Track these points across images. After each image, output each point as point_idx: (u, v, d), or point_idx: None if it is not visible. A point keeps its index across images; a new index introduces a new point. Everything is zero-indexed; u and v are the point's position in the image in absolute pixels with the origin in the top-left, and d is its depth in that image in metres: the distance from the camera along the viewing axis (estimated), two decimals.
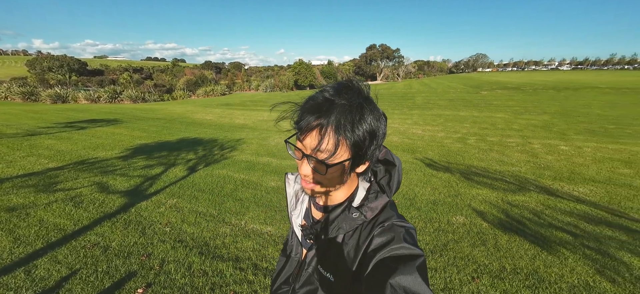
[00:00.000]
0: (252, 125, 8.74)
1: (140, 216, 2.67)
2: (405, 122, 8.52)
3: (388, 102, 15.24)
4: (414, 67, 62.41)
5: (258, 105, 15.80)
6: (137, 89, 23.24)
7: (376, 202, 0.55)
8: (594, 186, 3.40)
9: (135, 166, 4.24)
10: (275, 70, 55.05)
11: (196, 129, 8.04)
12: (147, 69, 55.10)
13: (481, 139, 6.03)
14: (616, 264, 1.92)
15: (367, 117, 0.47)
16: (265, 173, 4.04)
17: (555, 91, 16.75)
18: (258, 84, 32.80)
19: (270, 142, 6.15)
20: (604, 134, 6.21)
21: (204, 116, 10.97)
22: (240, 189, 3.40)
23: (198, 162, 4.54)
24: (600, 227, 2.44)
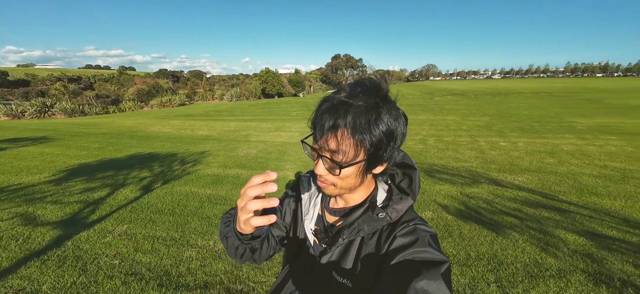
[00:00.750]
0: (217, 136, 8.20)
1: (80, 249, 2.24)
2: None
3: None
4: (375, 76, 66.81)
5: (223, 115, 14.97)
6: (73, 101, 20.06)
7: (401, 204, 0.54)
8: (529, 175, 3.99)
9: (72, 190, 3.58)
10: (240, 79, 53.23)
11: (151, 143, 7.21)
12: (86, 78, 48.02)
13: (438, 140, 6.63)
14: (555, 241, 2.24)
15: (384, 116, 0.46)
16: (235, 186, 3.79)
17: (491, 96, 19.55)
18: (222, 93, 31.23)
19: (238, 153, 5.83)
20: (531, 130, 7.39)
21: (160, 129, 9.93)
22: (206, 206, 3.11)
23: (154, 180, 4.04)
24: (539, 209, 2.85)
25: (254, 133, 8.55)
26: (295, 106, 19.45)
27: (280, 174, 4.37)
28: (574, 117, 9.22)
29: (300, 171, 4.51)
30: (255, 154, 5.78)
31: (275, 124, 10.52)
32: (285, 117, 12.87)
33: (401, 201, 0.54)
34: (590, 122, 8.18)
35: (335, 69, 58.80)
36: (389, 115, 0.47)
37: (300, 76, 40.74)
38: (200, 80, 51.35)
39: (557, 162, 4.59)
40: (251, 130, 9.22)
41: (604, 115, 9.54)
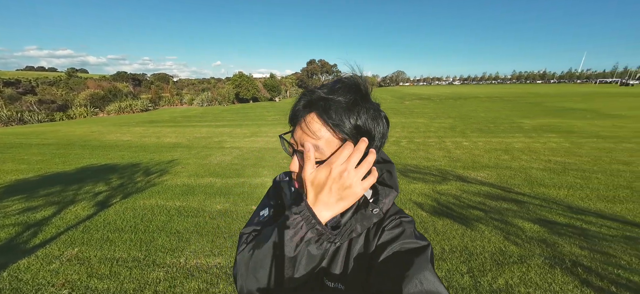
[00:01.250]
0: (186, 143, 7.65)
1: (19, 280, 1.89)
2: None
3: None
4: None
5: (193, 120, 14.09)
6: (9, 107, 17.26)
7: (388, 197, 0.54)
8: (489, 171, 4.40)
9: (8, 211, 3.04)
10: (212, 83, 50.78)
11: (107, 153, 6.46)
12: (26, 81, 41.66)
13: (410, 141, 7.01)
14: (515, 230, 2.48)
15: (362, 115, 0.46)
16: (208, 196, 3.54)
17: (453, 100, 21.39)
18: (192, 98, 29.43)
19: (211, 161, 5.49)
20: (488, 131, 8.20)
21: (119, 137, 8.97)
22: (176, 220, 2.86)
23: (112, 194, 3.61)
24: (499, 202, 3.14)
25: (228, 139, 8.16)
26: (271, 110, 19.13)
27: (258, 180, 4.21)
28: (521, 119, 10.45)
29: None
30: (230, 161, 5.50)
31: (251, 130, 10.19)
32: (262, 122, 12.55)
33: (388, 195, 0.54)
34: (534, 123, 9.34)
35: (310, 73, 59.32)
36: (366, 114, 0.46)
37: (276, 81, 40.23)
38: (166, 84, 47.84)
39: (510, 158, 5.13)
40: (225, 136, 8.80)
41: (544, 116, 10.98)
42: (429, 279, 0.41)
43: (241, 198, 3.44)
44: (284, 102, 28.33)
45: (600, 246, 2.20)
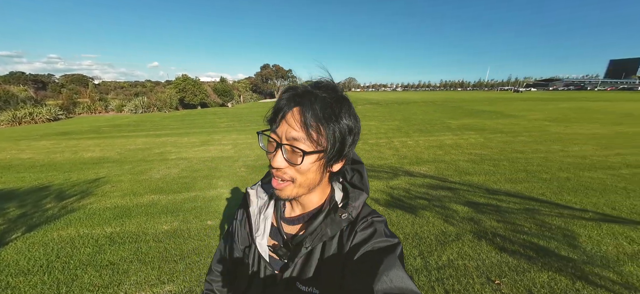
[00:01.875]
0: (116, 157, 6.47)
1: None
2: None
3: None
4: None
5: (125, 130, 12.01)
6: None
7: (358, 200, 0.55)
8: (429, 165, 5.09)
9: None
10: (148, 87, 44.25)
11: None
12: None
13: (365, 143, 7.53)
14: (451, 213, 2.94)
15: (346, 112, 0.48)
16: (150, 217, 3.07)
17: (398, 105, 24.03)
18: (122, 103, 25.04)
19: (153, 175, 4.78)
20: (426, 131, 9.49)
21: (15, 155, 6.96)
22: (108, 249, 2.39)
23: (9, 228, 2.78)
24: (438, 190, 3.67)
25: (173, 150, 7.25)
26: (224, 117, 17.83)
27: (213, 193, 3.86)
28: (449, 120, 12.43)
29: (238, 186, 4.14)
30: (176, 174, 4.89)
31: (201, 138, 9.29)
32: (213, 130, 11.57)
33: (358, 198, 0.55)
34: (458, 123, 11.23)
35: (265, 78, 57.79)
36: (349, 112, 0.49)
37: (228, 85, 37.71)
38: (84, 87, 39.44)
39: (444, 153, 6.05)
40: (168, 146, 7.78)
41: (464, 117, 13.32)
42: (398, 276, 0.42)
43: (193, 214, 3.09)
44: (238, 108, 26.74)
45: (509, 218, 2.80)
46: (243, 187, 4.06)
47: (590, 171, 4.37)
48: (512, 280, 1.89)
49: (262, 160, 5.79)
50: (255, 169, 5.07)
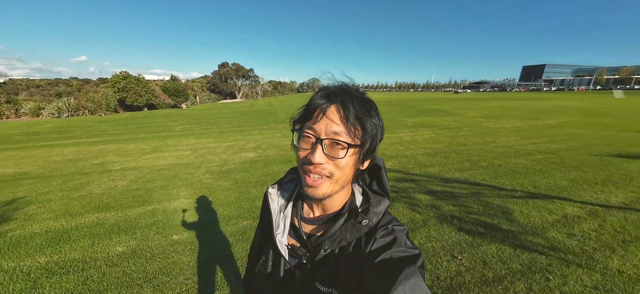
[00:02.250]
0: (39, 172, 5.30)
1: None
2: (276, 136, 9.06)
3: (256, 119, 15.41)
4: (270, 87, 68.31)
5: (47, 138, 9.89)
6: None
7: (380, 206, 0.55)
8: (394, 160, 5.52)
9: None
10: (74, 86, 37.09)
11: None
12: None
13: None
14: (417, 202, 3.25)
15: (375, 112, 0.51)
16: (98, 239, 2.62)
17: None
18: (40, 105, 20.49)
19: (93, 190, 4.06)
20: (388, 129, 10.20)
21: None
22: (47, 283, 1.98)
23: None
24: (404, 183, 4.01)
25: (116, 159, 6.27)
26: (178, 119, 16.14)
27: (175, 204, 3.48)
28: (405, 118, 13.64)
29: (205, 195, 3.81)
30: (124, 186, 4.25)
31: (152, 144, 8.25)
32: (166, 134, 10.38)
33: (379, 204, 0.55)
34: (413, 121, 12.42)
35: (224, 77, 54.19)
36: (377, 112, 0.52)
37: (181, 84, 34.18)
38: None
39: (404, 148, 6.63)
40: (110, 155, 6.70)
41: (418, 116, 14.80)
42: (417, 285, 0.42)
43: (154, 230, 2.74)
44: (194, 110, 24.46)
45: (462, 202, 3.24)
46: (211, 196, 3.77)
47: (515, 158, 5.33)
48: (470, 254, 2.20)
49: (229, 165, 5.46)
50: (222, 175, 4.75)
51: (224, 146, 7.64)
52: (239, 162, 5.66)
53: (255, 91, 60.35)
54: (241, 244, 2.44)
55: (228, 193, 3.84)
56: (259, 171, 4.95)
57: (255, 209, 3.22)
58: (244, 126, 12.42)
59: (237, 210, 3.24)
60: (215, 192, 3.89)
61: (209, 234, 2.64)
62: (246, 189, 4.01)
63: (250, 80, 59.73)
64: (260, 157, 6.04)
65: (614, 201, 3.13)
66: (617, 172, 4.19)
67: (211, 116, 18.04)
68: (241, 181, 4.39)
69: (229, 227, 2.82)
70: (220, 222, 2.94)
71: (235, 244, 2.45)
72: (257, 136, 9.28)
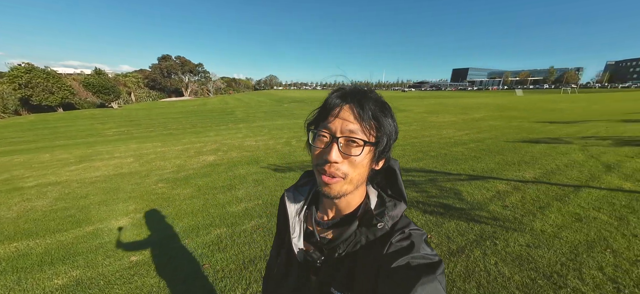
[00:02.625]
0: None
1: None
2: (237, 136, 8.51)
3: (210, 118, 14.12)
4: (223, 84, 63.33)
5: None
6: None
7: (396, 210, 0.54)
8: None
9: None
10: None
11: None
12: None
13: (299, 140, 7.71)
14: None
15: (389, 113, 0.51)
16: (25, 273, 2.08)
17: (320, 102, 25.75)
18: None
19: (3, 214, 3.14)
20: None
21: None
22: None
23: None
24: None
25: (28, 173, 4.96)
26: (109, 121, 13.61)
27: (122, 221, 2.96)
28: None
29: (162, 206, 3.34)
30: (47, 206, 3.40)
31: (77, 152, 6.78)
32: (96, 139, 8.66)
33: (395, 207, 0.54)
34: None
35: (167, 72, 47.80)
36: (391, 113, 0.52)
37: (108, 79, 28.70)
38: None
39: None
40: (17, 169, 5.25)
41: None
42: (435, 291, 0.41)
43: (102, 254, 2.28)
44: (129, 110, 20.90)
45: (422, 188, 3.66)
46: (170, 206, 3.33)
47: (455, 147, 6.28)
48: (436, 233, 2.52)
49: (186, 171, 4.91)
50: (180, 183, 4.24)
51: (175, 149, 6.80)
52: (198, 167, 5.14)
53: (207, 88, 55.23)
54: (219, 255, 2.24)
55: (191, 202, 3.46)
56: (223, 175, 4.59)
57: (229, 217, 2.99)
58: (198, 126, 11.29)
59: (206, 219, 2.95)
60: (175, 202, 3.46)
61: (177, 249, 2.34)
62: (212, 195, 3.68)
63: (199, 76, 54.32)
64: (222, 160, 5.60)
65: (528, 177, 4.00)
66: (526, 155, 5.36)
67: (154, 117, 15.80)
68: (205, 187, 4.00)
69: (199, 238, 2.55)
70: (187, 234, 2.63)
71: (211, 255, 2.23)
72: (215, 137, 8.57)
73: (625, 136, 6.92)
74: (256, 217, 2.98)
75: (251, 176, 4.49)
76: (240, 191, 3.81)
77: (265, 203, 3.36)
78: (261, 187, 3.90)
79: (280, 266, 0.62)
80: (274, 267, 0.65)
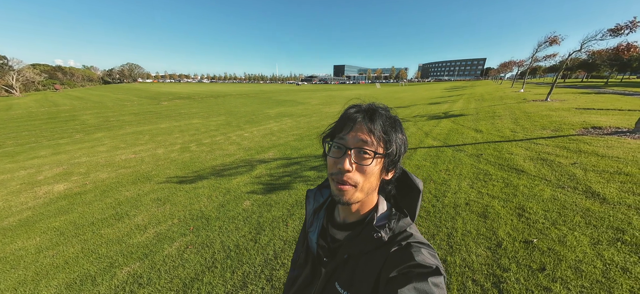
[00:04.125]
0: None
1: None
2: (98, 151, 6.23)
3: (29, 130, 9.11)
4: (39, 75, 41.37)
5: None
6: None
7: (399, 223, 0.57)
8: (273, 150, 6.00)
9: None
10: None
11: None
12: None
13: (200, 144, 6.78)
14: (306, 178, 4.00)
15: (399, 128, 0.57)
16: None
17: (214, 98, 22.94)
18: None
19: None
20: (254, 121, 10.47)
21: None
22: None
23: None
24: (290, 167, 4.65)
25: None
26: None
27: None
28: (266, 110, 14.53)
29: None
30: None
31: None
32: None
33: (399, 221, 0.57)
34: (274, 112, 13.58)
35: None
36: (402, 129, 0.58)
37: None
38: None
39: (276, 138, 7.32)
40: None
41: (277, 107, 16.27)
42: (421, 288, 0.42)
43: None
44: None
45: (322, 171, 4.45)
46: (10, 275, 2.19)
47: None
48: None
49: (15, 215, 3.27)
50: (12, 232, 2.79)
51: None
52: (40, 204, 3.53)
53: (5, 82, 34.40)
54: (143, 291, 1.83)
55: (54, 252, 2.43)
56: (97, 204, 3.44)
57: (135, 249, 2.40)
58: (7, 144, 7.17)
59: (99, 263, 2.24)
60: (22, 261, 2.32)
61: None
62: (92, 232, 2.74)
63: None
64: (85, 187, 4.09)
65: None
66: None
67: None
68: (71, 226, 2.89)
69: (99, 286, 1.93)
70: (75, 290, 1.91)
71: (137, 291, 1.79)
72: (54, 156, 5.89)
73: (431, 112, 11.23)
74: (178, 237, 2.60)
75: (146, 196, 3.65)
76: (137, 216, 3.06)
77: (183, 220, 2.94)
78: (169, 205, 3.31)
79: (302, 254, 0.69)
80: (299, 254, 0.72)
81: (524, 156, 4.77)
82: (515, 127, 7.32)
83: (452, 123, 8.44)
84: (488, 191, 3.38)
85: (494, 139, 6.07)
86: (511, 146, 5.42)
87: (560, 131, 6.51)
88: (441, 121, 8.91)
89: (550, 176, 3.79)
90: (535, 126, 7.27)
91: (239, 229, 2.72)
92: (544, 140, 5.76)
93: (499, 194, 3.31)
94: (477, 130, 7.19)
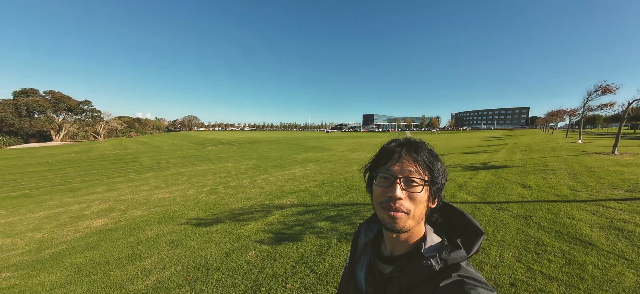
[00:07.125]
0: None
1: None
2: (142, 189, 6.96)
3: (98, 169, 10.89)
4: (121, 124, 51.34)
5: None
6: None
7: (452, 255, 0.55)
8: (292, 196, 5.98)
9: None
10: None
11: None
12: None
13: (227, 186, 7.14)
14: (319, 229, 3.77)
15: (439, 160, 0.61)
16: None
17: (250, 144, 25.00)
18: None
19: None
20: (280, 166, 10.85)
21: None
22: None
23: None
24: (305, 215, 4.49)
25: None
26: None
27: None
28: (294, 155, 15.11)
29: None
30: None
31: None
32: None
33: (451, 252, 0.55)
34: (301, 157, 14.01)
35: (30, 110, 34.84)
36: (441, 160, 0.61)
37: None
38: None
39: (299, 183, 7.36)
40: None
41: (304, 152, 16.85)
42: None
43: None
44: None
45: (349, 220, 4.14)
46: None
47: None
48: None
49: (54, 246, 3.66)
50: (42, 265, 3.07)
51: (34, 217, 4.89)
52: (77, 238, 3.88)
53: (94, 130, 43.29)
54: None
55: (64, 291, 2.54)
56: (120, 243, 3.65)
57: None
58: (76, 180, 8.54)
59: None
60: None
61: None
62: (103, 273, 2.85)
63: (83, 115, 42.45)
64: (118, 223, 4.45)
65: None
66: None
67: None
68: (89, 265, 3.05)
69: None
70: None
71: None
72: (106, 193, 6.73)
73: (467, 162, 10.25)
74: (174, 288, 2.51)
75: (164, 237, 3.78)
76: (148, 259, 3.12)
77: (186, 267, 2.89)
78: (179, 250, 3.34)
79: (350, 291, 0.69)
80: (345, 290, 0.72)
81: (591, 222, 3.82)
82: (575, 184, 6.12)
83: (493, 175, 7.49)
84: (542, 269, 2.66)
85: (548, 198, 5.10)
86: (571, 208, 4.45)
87: (637, 192, 5.23)
88: (479, 173, 7.98)
89: (631, 254, 2.88)
90: (602, 184, 5.97)
91: (236, 285, 2.54)
92: (616, 202, 4.62)
93: (559, 274, 2.56)
94: (525, 185, 6.19)
